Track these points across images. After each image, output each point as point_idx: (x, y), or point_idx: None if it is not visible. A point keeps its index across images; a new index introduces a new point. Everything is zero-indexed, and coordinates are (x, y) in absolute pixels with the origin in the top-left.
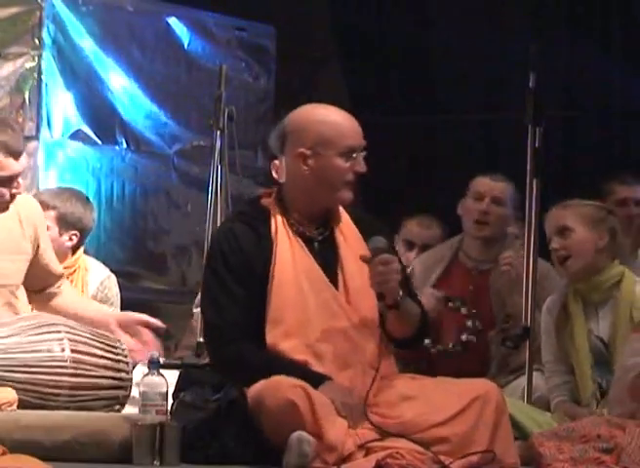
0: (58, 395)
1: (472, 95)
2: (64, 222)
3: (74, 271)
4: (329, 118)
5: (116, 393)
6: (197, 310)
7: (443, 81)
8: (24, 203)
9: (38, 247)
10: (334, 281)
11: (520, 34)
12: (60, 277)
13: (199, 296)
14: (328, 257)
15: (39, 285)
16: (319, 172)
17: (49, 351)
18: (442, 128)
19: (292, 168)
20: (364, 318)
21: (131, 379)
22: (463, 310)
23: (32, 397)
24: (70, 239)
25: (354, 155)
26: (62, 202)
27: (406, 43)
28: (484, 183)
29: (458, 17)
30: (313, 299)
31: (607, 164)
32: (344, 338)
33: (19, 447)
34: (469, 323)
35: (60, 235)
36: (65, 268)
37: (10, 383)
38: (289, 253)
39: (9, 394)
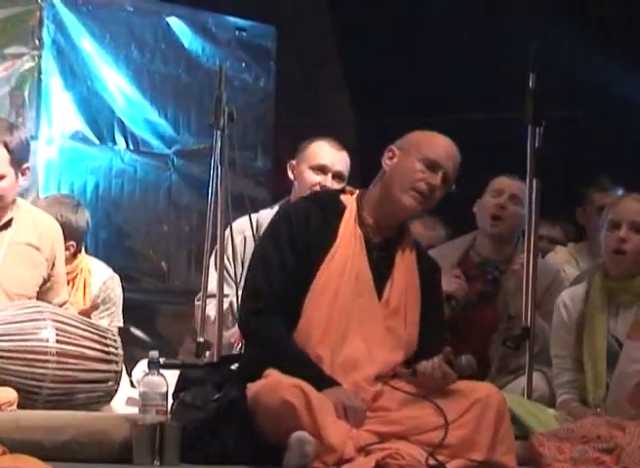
0: (45, 362)
1: (472, 95)
2: None
3: (76, 275)
4: (429, 133)
5: (107, 367)
6: (199, 303)
7: (443, 81)
8: (45, 222)
9: (53, 266)
10: (379, 293)
11: (520, 34)
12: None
13: (200, 294)
14: (381, 270)
15: None
16: (397, 168)
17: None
18: (442, 128)
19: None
20: (394, 334)
21: (120, 355)
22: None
23: (19, 365)
24: (68, 249)
25: (435, 169)
26: (54, 216)
27: (406, 43)
28: (503, 182)
29: (458, 16)
30: (353, 300)
31: (607, 164)
32: (365, 346)
33: (19, 447)
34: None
35: None
36: (67, 273)
37: None
38: (348, 250)
39: (9, 394)
